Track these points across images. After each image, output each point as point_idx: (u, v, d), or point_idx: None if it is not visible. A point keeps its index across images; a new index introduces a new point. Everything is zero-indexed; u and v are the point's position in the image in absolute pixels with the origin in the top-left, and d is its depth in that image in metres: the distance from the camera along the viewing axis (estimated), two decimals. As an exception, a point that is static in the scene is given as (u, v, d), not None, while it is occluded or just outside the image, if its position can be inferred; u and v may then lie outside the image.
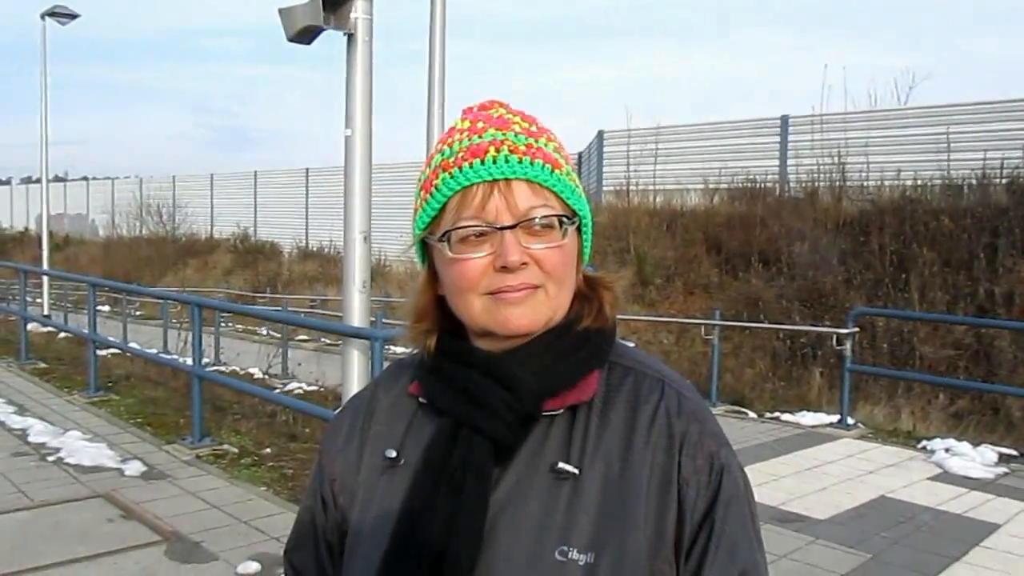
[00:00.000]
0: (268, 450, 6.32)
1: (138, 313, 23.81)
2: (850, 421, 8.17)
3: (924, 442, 7.34)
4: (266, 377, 11.00)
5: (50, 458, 5.84)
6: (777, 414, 8.79)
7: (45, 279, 19.98)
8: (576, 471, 0.91)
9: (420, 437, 0.98)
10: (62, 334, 12.45)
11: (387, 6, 5.01)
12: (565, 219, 0.94)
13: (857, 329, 8.71)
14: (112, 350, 10.13)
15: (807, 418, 8.41)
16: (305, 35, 4.70)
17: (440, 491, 0.91)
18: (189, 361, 6.96)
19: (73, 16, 18.52)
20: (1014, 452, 7.06)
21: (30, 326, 10.69)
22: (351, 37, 4.74)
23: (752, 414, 8.88)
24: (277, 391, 8.69)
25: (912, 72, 24.56)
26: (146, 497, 5.06)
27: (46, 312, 18.39)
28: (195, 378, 6.43)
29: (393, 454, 0.98)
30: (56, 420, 6.94)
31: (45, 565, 4.00)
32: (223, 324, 18.07)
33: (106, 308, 22.43)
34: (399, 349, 13.58)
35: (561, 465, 0.91)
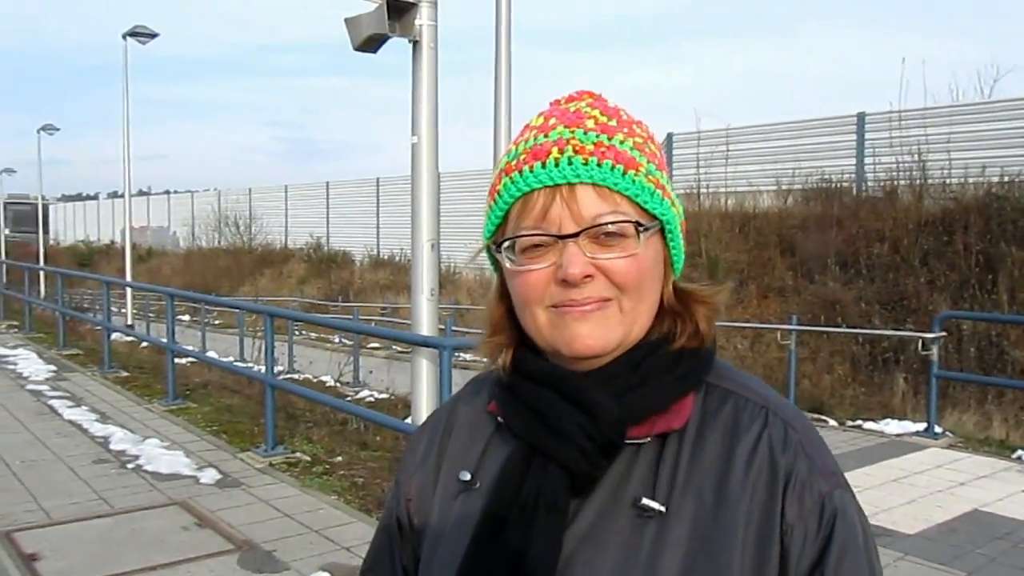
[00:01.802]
0: (339, 458, 6.34)
1: (216, 322, 24.41)
2: (937, 429, 7.80)
3: (1020, 452, 6.96)
4: (338, 385, 11.11)
5: (129, 465, 5.98)
6: (859, 422, 8.46)
7: (128, 290, 20.68)
8: (662, 509, 0.81)
9: (496, 460, 0.90)
10: (143, 343, 12.83)
11: (451, 14, 5.00)
12: (639, 225, 0.83)
13: (944, 333, 8.34)
14: (190, 359, 10.38)
15: (891, 426, 8.08)
16: (371, 44, 4.70)
17: (510, 523, 0.82)
18: (263, 370, 7.05)
19: (153, 35, 19.13)
20: (1119, 463, 6.64)
21: (113, 336, 11.03)
22: (416, 44, 4.72)
23: (832, 422, 8.57)
24: (348, 399, 8.76)
25: (996, 65, 23.59)
26: (220, 505, 5.12)
27: (129, 322, 19.01)
28: (268, 387, 6.51)
29: (467, 476, 0.91)
30: (136, 428, 7.11)
31: (124, 572, 4.06)
32: (296, 332, 18.38)
33: (186, 318, 23.08)
34: (469, 356, 13.60)
35: (645, 501, 0.81)
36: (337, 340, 19.02)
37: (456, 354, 5.08)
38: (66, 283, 14.50)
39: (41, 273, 21.83)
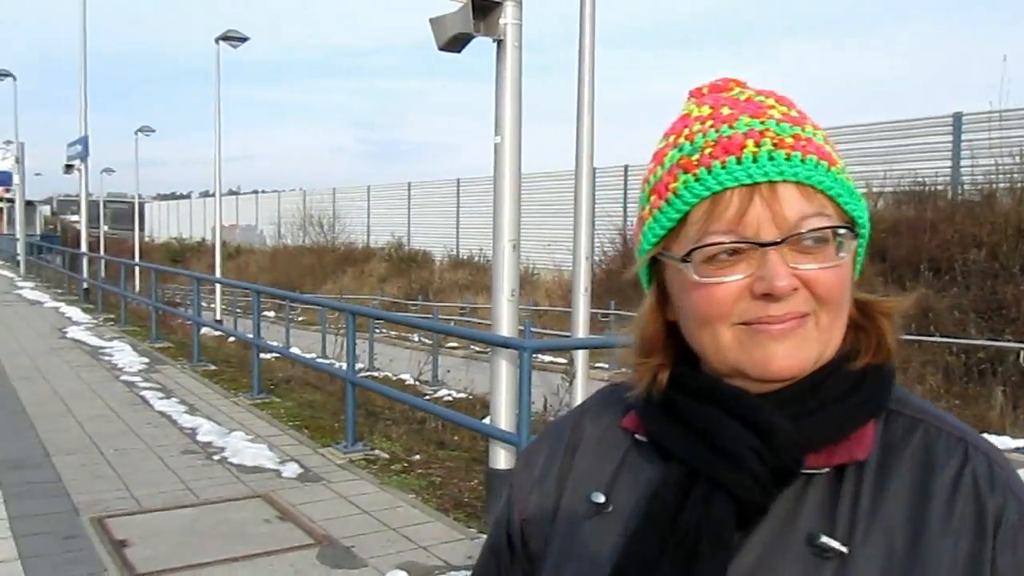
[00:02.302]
0: (417, 457, 6.38)
1: (300, 319, 24.96)
2: (1040, 446, 7.41)
3: None
4: (416, 384, 11.21)
5: (215, 457, 6.13)
6: (954, 436, 8.09)
7: (218, 286, 21.34)
8: (844, 549, 0.71)
9: (635, 481, 0.81)
10: (231, 338, 13.20)
11: (534, 14, 4.96)
12: (845, 230, 0.74)
13: (1048, 345, 7.90)
14: (275, 354, 10.62)
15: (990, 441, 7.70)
16: (455, 44, 4.71)
17: (666, 555, 0.74)
18: (344, 366, 7.15)
19: (243, 39, 19.71)
20: None
21: (202, 330, 11.36)
22: (500, 43, 4.71)
23: (925, 435, 8.22)
24: (427, 398, 8.82)
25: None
26: (301, 499, 5.20)
27: (218, 317, 19.61)
28: (349, 384, 6.59)
29: (601, 499, 0.81)
30: (222, 420, 7.29)
31: (207, 562, 4.15)
32: (377, 331, 18.64)
33: (271, 314, 23.66)
34: (547, 358, 13.54)
35: (824, 539, 0.72)
36: (416, 339, 19.24)
37: (534, 356, 5.04)
38: (159, 279, 15.04)
39: (136, 269, 22.70)
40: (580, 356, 8.01)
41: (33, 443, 6.33)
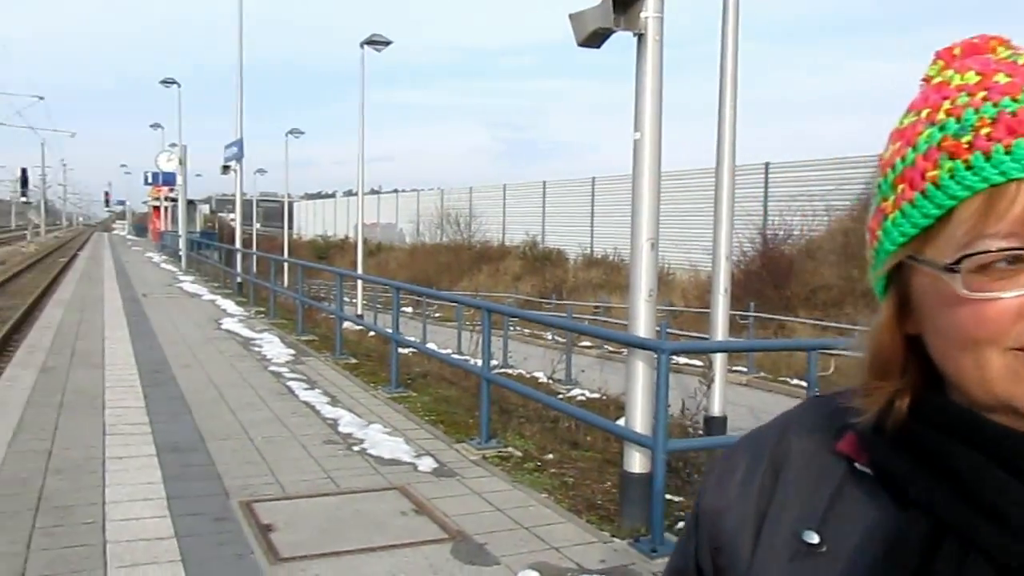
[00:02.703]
0: (550, 456, 6.35)
1: (436, 315, 25.50)
2: None
3: None
4: (550, 382, 11.21)
5: (355, 448, 6.31)
6: None
7: (359, 282, 22.09)
8: None
9: (854, 521, 0.68)
10: (371, 333, 13.62)
11: (673, 8, 4.82)
12: None
13: None
14: (412, 349, 10.87)
15: None
16: (594, 39, 4.64)
17: None
18: (479, 363, 7.21)
19: (387, 43, 20.30)
20: None
21: (344, 324, 11.77)
22: (641, 37, 4.61)
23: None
24: (560, 397, 8.79)
25: None
26: (436, 494, 5.26)
27: (359, 312, 20.31)
28: (484, 380, 6.64)
29: (814, 539, 0.69)
30: (362, 412, 7.51)
31: (346, 551, 4.26)
32: (511, 328, 18.79)
33: (409, 309, 24.29)
34: (683, 360, 13.24)
35: None
36: (550, 337, 19.27)
37: (672, 358, 4.91)
38: (305, 274, 15.71)
39: (285, 264, 23.81)
40: (719, 359, 7.79)
41: (190, 428, 6.71)
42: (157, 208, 50.55)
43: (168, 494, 5.01)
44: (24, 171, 57.75)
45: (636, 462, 4.76)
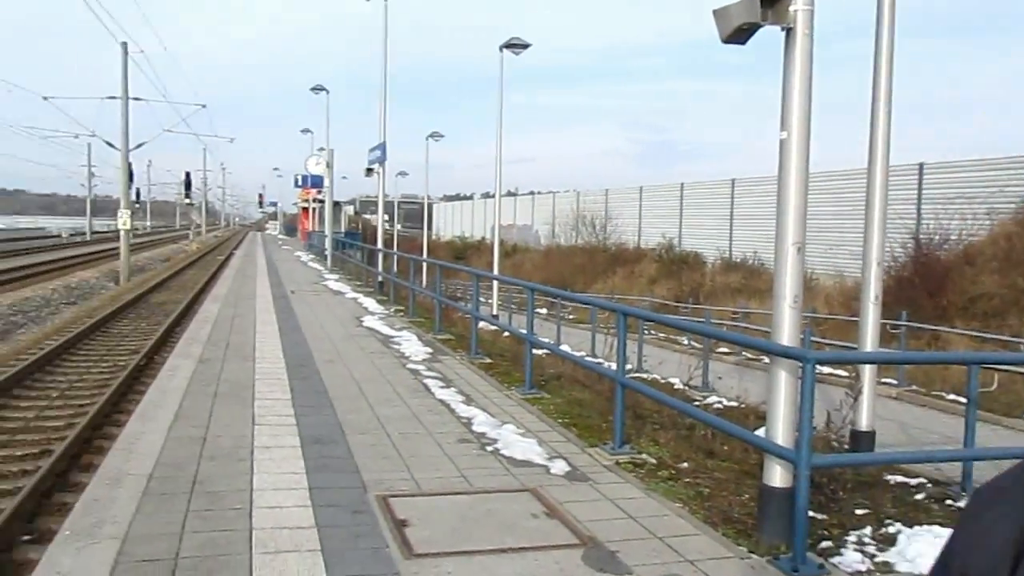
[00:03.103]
0: (685, 464, 6.19)
1: (570, 317, 25.49)
2: None
3: None
4: (685, 388, 10.96)
5: (488, 448, 6.35)
6: None
7: (495, 283, 22.36)
8: None
9: None
10: (505, 333, 13.74)
11: (824, 1, 4.57)
12: None
13: None
14: (545, 351, 10.88)
15: None
16: (739, 35, 4.48)
17: None
18: (613, 366, 7.12)
19: (525, 46, 20.47)
20: None
21: (480, 324, 11.92)
22: (789, 32, 4.41)
23: None
24: (696, 404, 8.56)
25: None
26: (568, 498, 5.22)
27: (494, 312, 20.55)
28: (618, 385, 6.55)
29: None
30: (495, 412, 7.56)
31: (478, 550, 4.28)
32: (646, 332, 18.53)
33: (543, 311, 24.39)
34: (827, 369, 12.65)
35: None
36: (686, 342, 18.88)
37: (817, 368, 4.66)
38: (443, 274, 16.04)
39: (423, 264, 24.41)
40: (867, 371, 7.37)
41: (331, 421, 6.95)
42: (306, 209, 53.02)
43: (310, 485, 5.19)
44: (188, 175, 61.96)
45: (777, 476, 4.56)
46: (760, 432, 4.97)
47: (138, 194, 66.62)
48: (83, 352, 14.19)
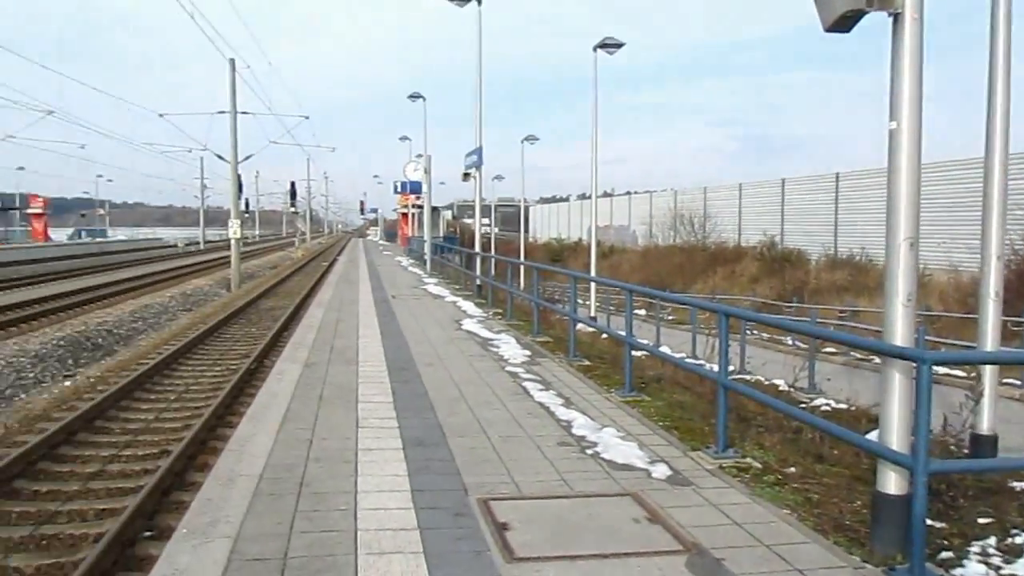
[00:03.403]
0: (792, 469, 5.99)
1: (669, 318, 25.13)
2: None
3: None
4: (791, 390, 10.63)
5: (588, 451, 6.30)
6: None
7: (592, 285, 22.26)
8: None
9: None
10: (604, 335, 13.64)
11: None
12: None
13: None
14: (644, 352, 10.74)
15: None
16: (844, 23, 4.31)
17: None
18: (715, 368, 6.96)
19: (619, 46, 20.31)
20: None
21: (578, 326, 11.87)
22: (897, 17, 4.21)
23: None
24: (802, 406, 8.30)
25: None
26: (670, 503, 5.12)
27: (592, 314, 20.44)
28: (721, 387, 6.39)
29: None
30: (595, 415, 7.50)
31: (579, 555, 4.24)
32: (748, 332, 18.10)
33: (641, 312, 24.13)
34: (943, 370, 12.08)
35: None
36: (791, 342, 18.35)
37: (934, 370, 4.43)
38: (540, 276, 16.05)
39: (520, 267, 24.50)
40: (988, 372, 6.97)
41: (432, 424, 7.04)
42: (405, 215, 54.12)
43: (412, 487, 5.26)
44: (292, 184, 64.26)
45: (892, 482, 4.36)
46: (872, 436, 4.76)
47: (247, 204, 69.36)
48: (197, 356, 14.84)
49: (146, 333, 18.59)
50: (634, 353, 9.07)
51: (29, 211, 75.49)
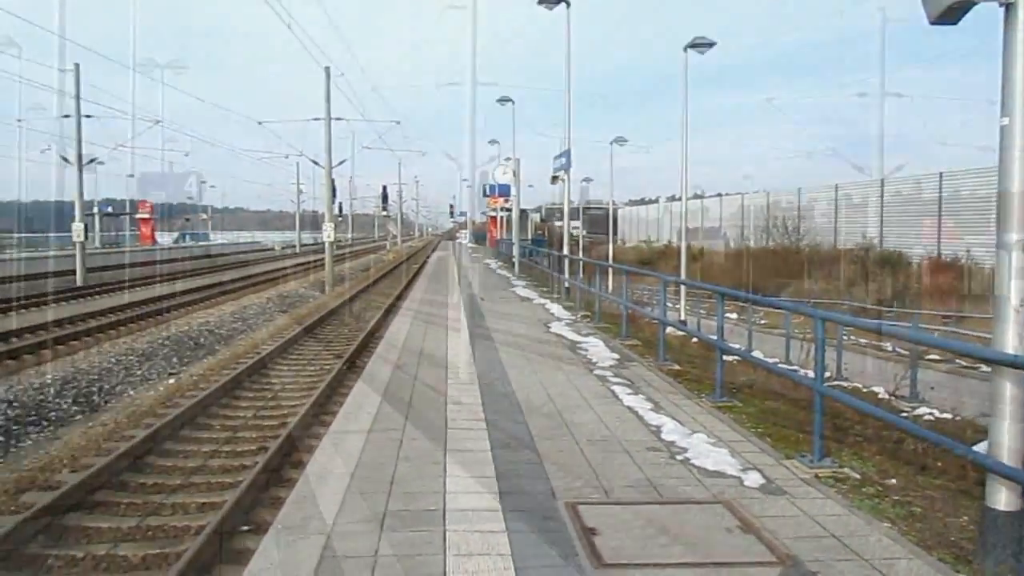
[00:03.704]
0: (893, 481, 5.76)
1: (762, 322, 24.55)
2: None
3: None
4: (891, 398, 10.24)
5: (678, 457, 6.21)
6: None
7: (682, 287, 21.94)
8: None
9: None
10: (694, 339, 13.42)
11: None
12: None
13: None
14: (736, 357, 10.51)
15: None
16: (951, 14, 4.13)
17: None
18: (811, 374, 6.76)
19: (710, 45, 19.97)
20: None
21: (668, 330, 11.71)
22: (1010, 7, 4.01)
23: None
24: (904, 415, 7.97)
25: None
26: (763, 512, 5.00)
27: (682, 318, 20.15)
28: (817, 394, 6.20)
29: None
30: (685, 420, 7.38)
31: (670, 563, 4.18)
32: (846, 337, 17.53)
33: (733, 316, 23.65)
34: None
35: None
36: (890, 349, 17.68)
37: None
38: (629, 279, 15.91)
39: (609, 270, 24.33)
40: (1110, 381, 6.56)
41: (521, 427, 7.05)
42: (494, 217, 54.45)
43: (500, 489, 5.27)
44: (384, 188, 65.63)
45: (1002, 497, 4.14)
46: (981, 447, 4.53)
47: (340, 208, 71.11)
48: (293, 356, 15.27)
49: (245, 333, 19.23)
50: (725, 358, 8.88)
51: (138, 216, 79.09)
